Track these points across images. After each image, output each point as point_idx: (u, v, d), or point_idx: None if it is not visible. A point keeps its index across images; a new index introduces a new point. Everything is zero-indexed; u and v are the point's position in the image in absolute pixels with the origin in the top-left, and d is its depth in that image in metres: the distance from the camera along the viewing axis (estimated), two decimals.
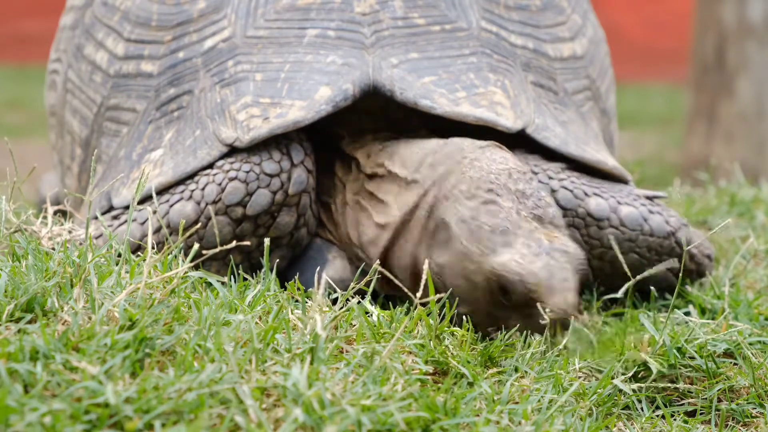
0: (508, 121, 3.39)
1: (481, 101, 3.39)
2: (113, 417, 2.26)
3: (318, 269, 3.35)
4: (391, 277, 3.09)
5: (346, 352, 2.63)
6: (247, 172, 3.26)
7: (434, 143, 3.27)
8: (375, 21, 3.46)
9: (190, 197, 3.27)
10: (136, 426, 2.25)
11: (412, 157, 3.28)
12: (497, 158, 3.14)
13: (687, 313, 3.34)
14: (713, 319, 3.29)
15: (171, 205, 3.27)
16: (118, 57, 3.61)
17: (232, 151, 3.34)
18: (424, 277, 2.79)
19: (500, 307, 2.99)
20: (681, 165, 8.96)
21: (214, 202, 3.25)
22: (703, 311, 3.41)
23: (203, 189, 3.27)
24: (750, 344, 3.04)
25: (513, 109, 3.41)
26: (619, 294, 3.01)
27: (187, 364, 2.41)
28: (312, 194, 3.34)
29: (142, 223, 3.29)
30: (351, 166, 3.45)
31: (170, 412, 2.29)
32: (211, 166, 3.33)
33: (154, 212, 3.23)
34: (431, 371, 2.67)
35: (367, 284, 2.89)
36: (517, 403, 2.62)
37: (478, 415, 2.51)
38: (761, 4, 8.34)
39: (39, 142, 9.05)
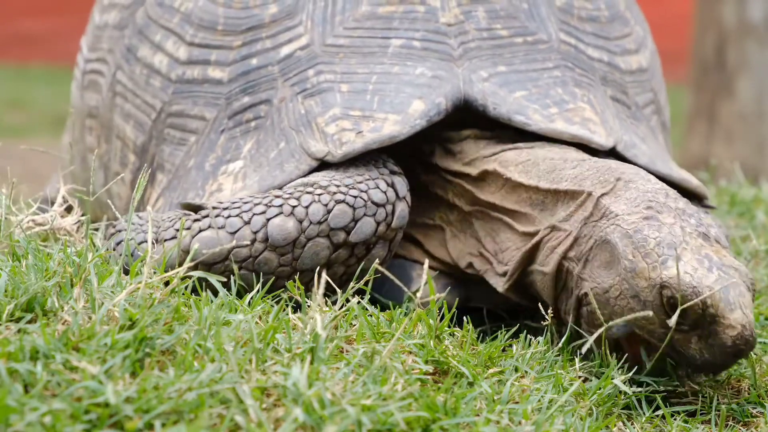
0: (601, 138, 3.31)
1: (574, 117, 3.31)
2: (113, 417, 2.26)
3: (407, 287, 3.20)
4: (392, 276, 3.07)
5: (346, 351, 2.63)
6: (355, 197, 3.08)
7: (572, 156, 3.18)
8: (461, 32, 3.36)
9: (291, 213, 3.06)
10: (136, 426, 2.25)
11: (543, 166, 3.18)
12: (651, 179, 3.05)
13: None
14: None
15: (268, 219, 3.06)
16: (180, 61, 3.46)
17: (322, 165, 3.19)
18: (424, 277, 2.78)
19: (677, 329, 2.81)
20: (681, 165, 8.91)
21: (319, 223, 3.07)
22: None
23: (307, 207, 3.07)
24: None
25: (603, 126, 3.34)
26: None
27: (187, 363, 2.41)
28: (401, 232, 3.18)
29: (233, 233, 3.05)
30: (444, 178, 3.33)
31: (170, 412, 2.29)
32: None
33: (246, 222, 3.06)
34: (431, 371, 2.67)
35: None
36: (517, 402, 2.62)
37: (478, 415, 2.51)
38: (761, 4, 8.34)
39: (39, 142, 9.05)
